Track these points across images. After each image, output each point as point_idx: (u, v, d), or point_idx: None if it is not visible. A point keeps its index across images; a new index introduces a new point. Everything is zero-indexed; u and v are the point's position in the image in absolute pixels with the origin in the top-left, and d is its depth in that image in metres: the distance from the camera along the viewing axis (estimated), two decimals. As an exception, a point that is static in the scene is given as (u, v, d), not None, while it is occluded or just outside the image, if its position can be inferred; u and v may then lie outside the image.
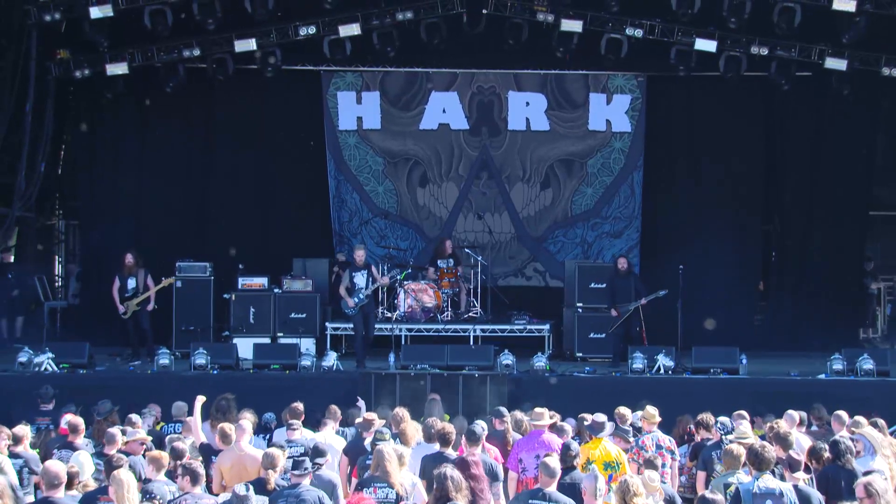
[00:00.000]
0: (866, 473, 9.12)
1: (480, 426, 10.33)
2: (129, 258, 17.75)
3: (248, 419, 10.96)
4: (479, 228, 20.61)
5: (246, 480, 9.04)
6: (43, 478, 8.70)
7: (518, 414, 11.81)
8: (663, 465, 10.80)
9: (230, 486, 9.49)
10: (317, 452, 9.78)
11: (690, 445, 11.66)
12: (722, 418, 11.29)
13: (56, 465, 8.77)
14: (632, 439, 11.18)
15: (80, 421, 11.08)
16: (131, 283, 17.71)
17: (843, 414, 11.54)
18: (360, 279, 17.15)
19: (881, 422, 11.26)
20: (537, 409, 11.04)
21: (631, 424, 11.55)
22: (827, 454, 9.80)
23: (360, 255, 17.47)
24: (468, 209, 20.82)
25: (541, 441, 10.59)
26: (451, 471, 8.63)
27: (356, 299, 17.06)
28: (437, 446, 10.23)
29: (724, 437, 10.79)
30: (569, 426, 11.11)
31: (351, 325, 17.85)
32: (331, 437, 11.39)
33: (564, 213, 20.82)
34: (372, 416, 11.49)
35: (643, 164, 20.57)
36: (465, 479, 8.74)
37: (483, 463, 9.97)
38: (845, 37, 18.28)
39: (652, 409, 11.48)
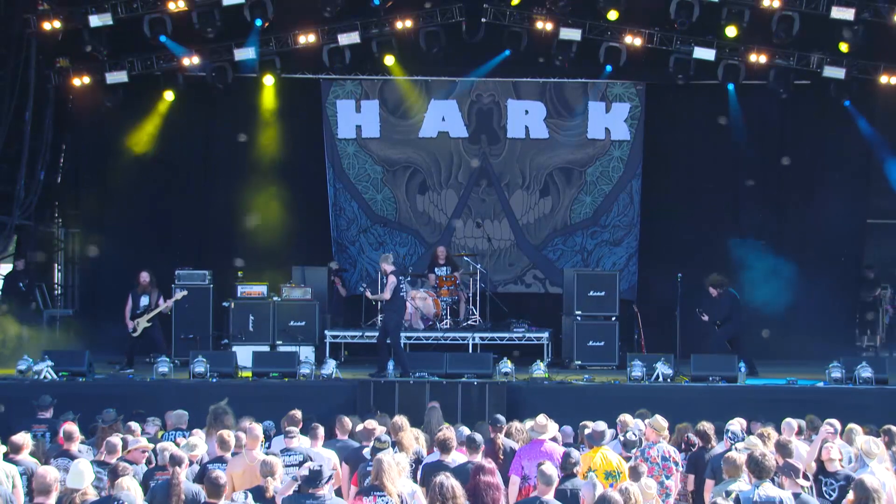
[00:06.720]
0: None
1: (479, 435, 10.36)
2: (145, 276, 17.73)
3: (258, 426, 10.89)
4: (479, 234, 20.66)
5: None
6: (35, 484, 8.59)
7: (516, 423, 11.78)
8: (668, 477, 10.75)
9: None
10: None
11: (687, 455, 11.58)
12: (733, 426, 11.16)
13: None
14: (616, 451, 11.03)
15: (75, 429, 11.05)
16: (144, 300, 17.73)
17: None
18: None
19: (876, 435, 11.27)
20: (540, 419, 10.99)
21: (630, 434, 11.46)
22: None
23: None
24: (468, 215, 20.85)
25: (543, 450, 10.57)
26: (445, 479, 8.63)
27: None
28: (438, 454, 10.24)
29: (734, 445, 10.68)
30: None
31: (349, 333, 18.33)
32: (324, 449, 11.28)
33: (564, 222, 20.83)
34: (373, 424, 11.45)
35: (641, 172, 20.60)
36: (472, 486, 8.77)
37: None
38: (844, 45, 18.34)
39: (662, 421, 11.32)
